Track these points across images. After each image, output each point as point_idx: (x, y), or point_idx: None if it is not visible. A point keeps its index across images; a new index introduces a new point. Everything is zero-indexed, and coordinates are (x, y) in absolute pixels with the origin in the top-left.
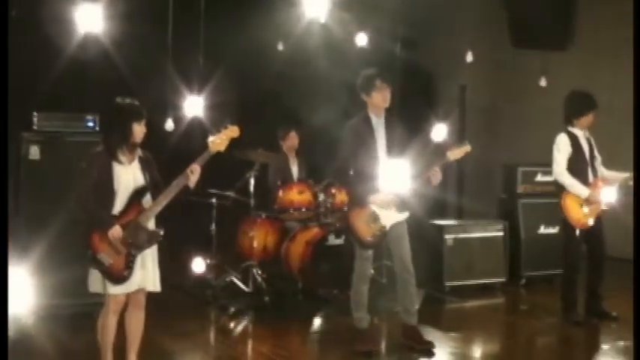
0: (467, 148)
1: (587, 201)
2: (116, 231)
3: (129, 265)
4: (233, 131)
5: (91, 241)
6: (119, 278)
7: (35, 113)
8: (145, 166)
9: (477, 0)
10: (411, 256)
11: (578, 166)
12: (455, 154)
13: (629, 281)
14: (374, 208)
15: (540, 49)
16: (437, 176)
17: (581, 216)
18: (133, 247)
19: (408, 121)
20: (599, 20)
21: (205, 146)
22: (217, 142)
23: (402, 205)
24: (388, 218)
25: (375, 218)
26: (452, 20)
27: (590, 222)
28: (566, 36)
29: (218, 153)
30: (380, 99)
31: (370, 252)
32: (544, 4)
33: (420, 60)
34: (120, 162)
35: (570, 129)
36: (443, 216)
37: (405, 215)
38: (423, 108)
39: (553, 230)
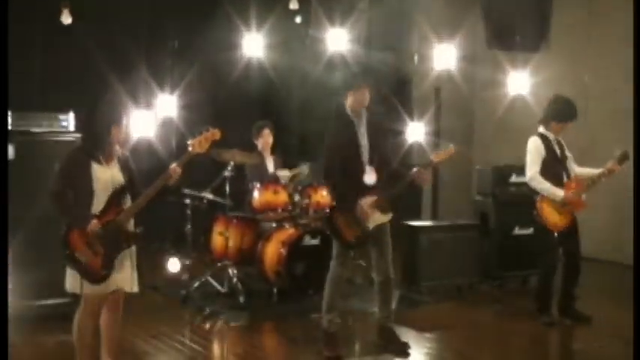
0: (451, 150)
1: (563, 203)
2: (94, 224)
3: (107, 266)
4: (214, 134)
5: (68, 240)
6: (97, 278)
7: (9, 112)
8: (124, 166)
9: (452, 1)
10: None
11: (552, 168)
12: (439, 156)
13: (600, 281)
14: (357, 208)
15: (515, 51)
16: (425, 178)
17: (558, 219)
18: (111, 247)
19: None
20: (572, 21)
21: (185, 148)
22: (197, 144)
23: (385, 206)
24: (371, 219)
25: (358, 219)
26: (427, 22)
27: (566, 224)
28: (540, 38)
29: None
30: (357, 100)
31: (349, 254)
32: (519, 6)
33: (394, 61)
34: (98, 162)
35: (543, 131)
36: (418, 217)
37: (388, 217)
38: (398, 110)
39: (527, 231)
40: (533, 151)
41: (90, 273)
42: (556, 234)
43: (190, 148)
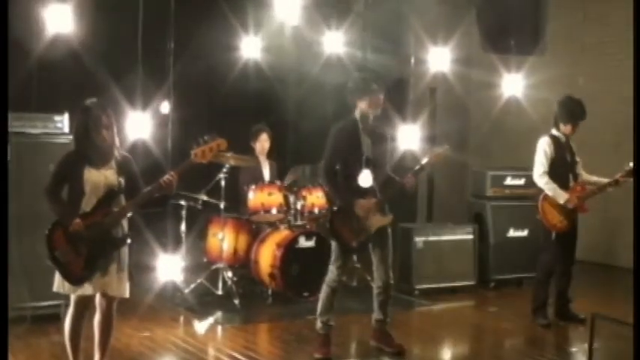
0: (445, 150)
1: (565, 206)
2: (76, 224)
3: (87, 267)
4: (220, 145)
5: (51, 239)
6: (76, 279)
7: None
8: (121, 169)
9: (447, 4)
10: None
11: (559, 170)
12: (433, 157)
13: (596, 283)
14: (358, 211)
15: (510, 55)
16: (411, 181)
17: (557, 221)
18: (94, 249)
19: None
20: (568, 24)
21: (183, 152)
22: (200, 153)
23: (384, 208)
24: (372, 222)
25: (359, 222)
26: (422, 24)
27: (566, 226)
28: (535, 41)
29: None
30: (372, 104)
31: (350, 258)
32: (514, 9)
33: (390, 64)
34: (91, 164)
35: (554, 133)
36: (413, 219)
37: (388, 218)
38: (393, 111)
39: (522, 233)
40: (541, 150)
41: (70, 273)
42: (554, 235)
43: (193, 157)
